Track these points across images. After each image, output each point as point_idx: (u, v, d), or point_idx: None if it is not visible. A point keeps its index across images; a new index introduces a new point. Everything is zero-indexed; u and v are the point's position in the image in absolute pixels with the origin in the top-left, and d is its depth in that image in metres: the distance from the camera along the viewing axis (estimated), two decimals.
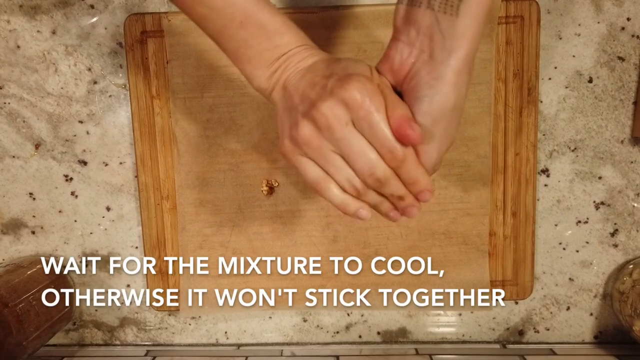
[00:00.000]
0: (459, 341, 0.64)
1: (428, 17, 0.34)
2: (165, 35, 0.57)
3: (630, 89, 0.59)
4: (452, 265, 0.60)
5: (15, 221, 0.63)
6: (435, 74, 0.34)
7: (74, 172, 0.62)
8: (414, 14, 0.35)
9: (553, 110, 0.60)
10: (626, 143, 0.60)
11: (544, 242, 0.62)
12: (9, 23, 0.59)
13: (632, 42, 0.58)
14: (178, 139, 0.59)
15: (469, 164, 0.59)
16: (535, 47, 0.57)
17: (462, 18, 0.33)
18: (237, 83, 0.58)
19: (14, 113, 0.61)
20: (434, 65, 0.34)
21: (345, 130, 0.33)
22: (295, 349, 0.64)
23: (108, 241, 0.63)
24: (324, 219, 0.60)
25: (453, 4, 0.33)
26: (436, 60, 0.34)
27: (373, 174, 0.34)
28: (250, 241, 0.61)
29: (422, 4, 0.34)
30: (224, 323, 0.64)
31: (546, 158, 0.60)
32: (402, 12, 0.36)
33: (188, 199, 0.60)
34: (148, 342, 0.65)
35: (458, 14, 0.33)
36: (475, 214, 0.60)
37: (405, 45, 0.36)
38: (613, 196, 0.61)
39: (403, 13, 0.36)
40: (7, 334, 0.51)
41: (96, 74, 0.60)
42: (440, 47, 0.34)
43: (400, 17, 0.36)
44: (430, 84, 0.34)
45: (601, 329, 0.63)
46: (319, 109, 0.33)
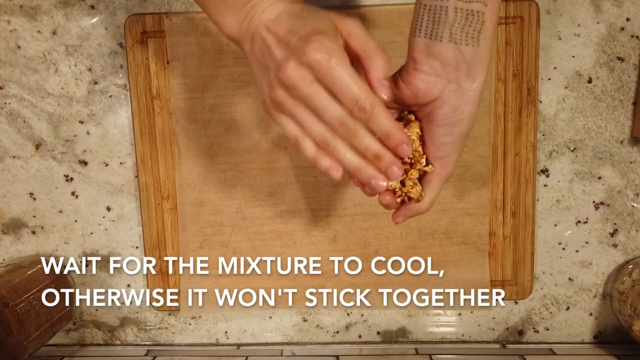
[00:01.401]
0: (459, 341, 0.64)
1: (452, 50, 0.35)
2: (166, 35, 0.57)
3: (630, 89, 0.59)
4: (452, 265, 0.60)
5: (16, 221, 0.63)
6: (465, 100, 0.37)
7: (75, 172, 0.62)
8: (436, 47, 0.36)
9: (552, 110, 0.60)
10: (625, 143, 0.60)
11: (543, 242, 0.62)
12: (10, 23, 0.59)
13: (631, 42, 0.58)
14: (179, 138, 0.59)
15: (468, 164, 0.59)
16: (534, 48, 0.57)
17: (482, 45, 0.35)
18: (237, 83, 0.58)
19: (15, 113, 0.61)
20: (463, 92, 0.36)
21: (311, 87, 0.35)
22: (295, 348, 0.64)
23: (108, 241, 0.63)
24: (324, 219, 0.60)
25: (474, 35, 0.35)
26: (464, 88, 0.36)
27: (343, 124, 0.36)
28: (251, 241, 0.61)
29: (443, 37, 0.35)
30: (224, 323, 0.64)
31: (546, 158, 0.61)
32: (422, 45, 0.36)
33: (188, 198, 0.60)
34: (148, 342, 0.65)
35: (479, 44, 0.35)
36: (475, 214, 0.60)
37: (429, 76, 0.37)
38: (612, 196, 0.61)
39: (423, 46, 0.36)
40: (8, 333, 0.51)
41: (96, 74, 0.60)
42: (466, 75, 0.36)
43: (420, 50, 0.37)
44: (462, 109, 0.37)
45: (601, 329, 0.63)
46: (285, 72, 0.35)
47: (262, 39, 0.37)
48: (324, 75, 0.35)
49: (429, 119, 0.38)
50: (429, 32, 0.36)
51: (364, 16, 0.57)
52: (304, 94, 0.35)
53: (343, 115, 0.36)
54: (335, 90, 0.35)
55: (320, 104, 0.36)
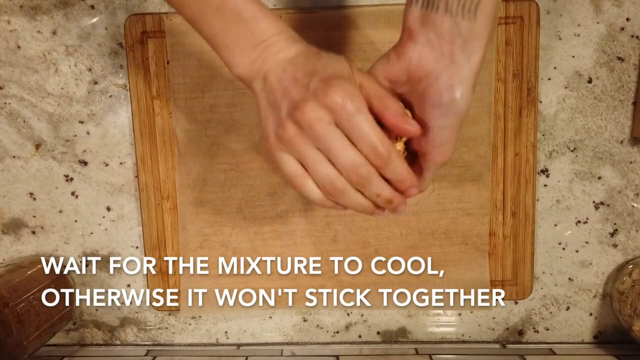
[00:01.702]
0: (459, 341, 0.64)
1: (447, 22, 0.35)
2: (166, 35, 0.57)
3: (630, 89, 0.59)
4: (452, 265, 0.60)
5: (16, 221, 0.63)
6: (457, 78, 0.36)
7: (75, 172, 0.62)
8: (432, 18, 0.35)
9: (552, 110, 0.60)
10: (625, 143, 0.60)
11: (543, 242, 0.62)
12: (10, 23, 0.59)
13: (631, 42, 0.58)
14: (179, 138, 0.59)
15: (468, 164, 0.59)
16: (534, 48, 0.57)
17: (479, 21, 0.35)
18: (237, 83, 0.57)
19: (15, 113, 0.61)
20: (456, 68, 0.35)
21: (327, 128, 0.35)
22: (295, 348, 0.64)
23: (108, 241, 0.63)
24: (324, 219, 0.60)
25: (471, 8, 0.34)
26: (458, 63, 0.35)
27: (357, 171, 0.35)
28: (251, 241, 0.61)
29: (439, 8, 0.35)
30: (224, 323, 0.64)
31: (546, 158, 0.61)
32: (417, 14, 0.36)
33: (188, 198, 0.60)
34: (148, 342, 0.65)
35: (476, 18, 0.34)
36: (475, 214, 0.60)
37: (423, 47, 0.36)
38: (612, 196, 0.61)
39: (418, 15, 0.36)
40: (8, 333, 0.51)
41: (96, 75, 0.60)
42: (460, 51, 0.35)
43: (415, 19, 0.36)
44: (455, 87, 0.36)
45: (601, 329, 0.63)
46: (302, 111, 0.34)
47: (278, 79, 0.36)
48: (344, 119, 0.34)
49: (423, 98, 0.37)
50: (425, 3, 0.35)
51: (364, 16, 0.57)
52: (319, 134, 0.35)
53: (358, 161, 0.35)
54: (353, 135, 0.35)
55: (334, 147, 0.35)
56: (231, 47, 0.38)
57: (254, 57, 0.38)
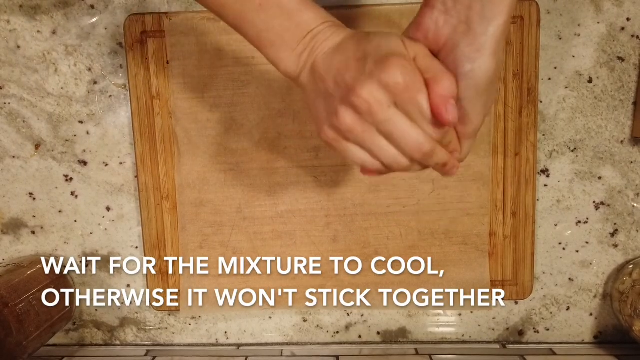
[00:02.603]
0: (459, 341, 0.64)
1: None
2: (165, 35, 0.57)
3: (630, 89, 0.59)
4: (452, 265, 0.60)
5: (16, 221, 0.63)
6: (476, 46, 0.34)
7: (74, 172, 0.62)
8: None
9: (553, 110, 0.60)
10: (626, 143, 0.60)
11: (543, 242, 0.62)
12: (9, 23, 0.59)
13: (631, 42, 0.58)
14: (179, 138, 0.59)
15: (469, 164, 0.59)
16: (535, 48, 0.57)
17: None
18: (237, 83, 0.58)
19: (14, 113, 0.61)
20: (474, 36, 0.34)
21: (388, 112, 0.33)
22: (295, 349, 0.64)
23: (108, 241, 0.63)
24: (324, 219, 0.60)
25: None
26: (475, 31, 0.34)
27: (421, 150, 0.34)
28: (251, 241, 0.61)
29: None
30: (224, 323, 0.64)
31: (546, 158, 0.60)
32: None
33: (188, 198, 0.60)
34: (148, 342, 0.65)
35: None
36: (475, 214, 0.60)
37: (441, 13, 0.35)
38: (613, 196, 0.61)
39: None
40: (8, 333, 0.51)
41: (96, 74, 0.60)
42: (479, 16, 0.33)
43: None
44: (472, 57, 0.34)
45: (601, 329, 0.63)
46: (360, 95, 0.33)
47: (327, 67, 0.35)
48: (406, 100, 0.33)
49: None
50: None
51: (364, 16, 0.57)
52: (380, 119, 0.33)
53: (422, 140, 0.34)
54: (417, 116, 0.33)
55: (398, 131, 0.34)
56: (277, 43, 0.37)
57: (300, 50, 0.37)
